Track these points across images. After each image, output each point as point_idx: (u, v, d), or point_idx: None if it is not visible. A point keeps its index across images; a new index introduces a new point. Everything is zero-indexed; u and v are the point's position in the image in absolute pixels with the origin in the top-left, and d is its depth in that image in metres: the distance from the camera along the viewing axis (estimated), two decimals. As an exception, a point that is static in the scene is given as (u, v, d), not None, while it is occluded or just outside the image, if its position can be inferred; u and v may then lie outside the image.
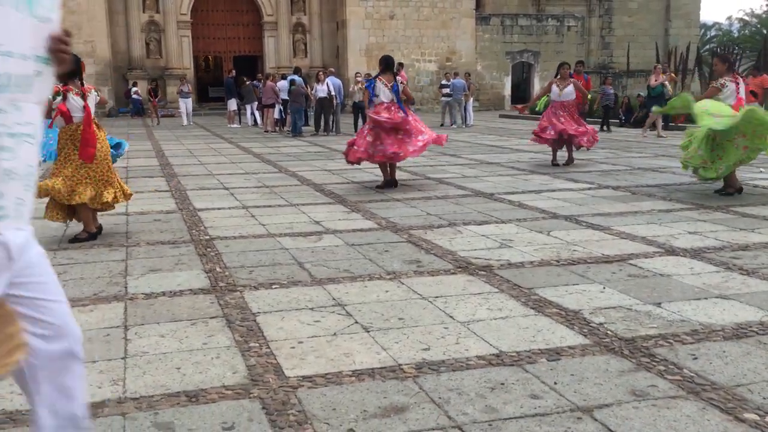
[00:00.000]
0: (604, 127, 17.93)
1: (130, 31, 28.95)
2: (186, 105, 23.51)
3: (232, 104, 22.54)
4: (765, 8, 55.64)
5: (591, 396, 2.86)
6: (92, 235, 5.86)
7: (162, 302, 4.17)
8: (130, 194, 6.18)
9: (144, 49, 29.35)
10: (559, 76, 10.66)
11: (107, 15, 27.46)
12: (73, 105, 5.59)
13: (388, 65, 8.56)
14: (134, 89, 26.83)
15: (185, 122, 23.03)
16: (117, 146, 6.36)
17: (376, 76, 8.56)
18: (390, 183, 8.67)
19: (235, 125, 21.97)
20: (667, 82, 17.37)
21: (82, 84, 5.72)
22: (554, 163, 10.72)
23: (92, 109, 5.71)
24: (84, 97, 5.64)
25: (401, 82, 8.62)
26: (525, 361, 3.22)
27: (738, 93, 7.70)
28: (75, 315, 3.87)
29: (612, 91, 19.61)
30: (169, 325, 3.77)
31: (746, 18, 56.98)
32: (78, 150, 5.60)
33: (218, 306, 4.09)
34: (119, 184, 5.98)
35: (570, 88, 10.53)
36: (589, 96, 13.72)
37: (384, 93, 8.39)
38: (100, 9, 27.06)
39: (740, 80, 7.99)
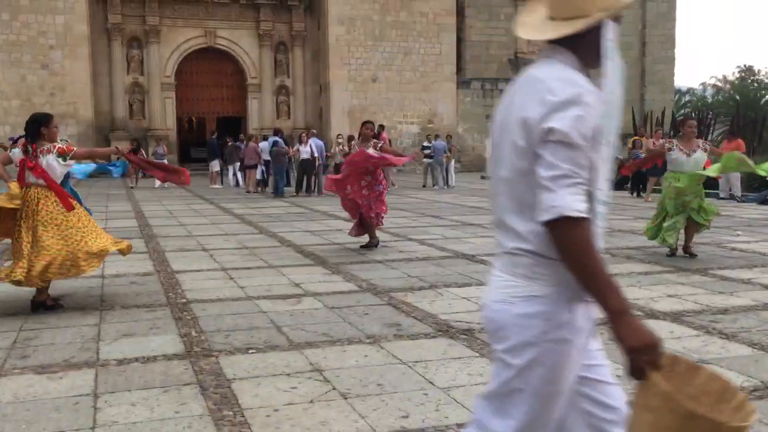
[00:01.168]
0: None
1: (113, 92, 29.16)
2: None
3: (215, 165, 22.58)
4: (737, 75, 57.22)
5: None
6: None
7: (134, 368, 4.06)
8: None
9: (127, 110, 29.52)
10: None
11: (91, 77, 27.68)
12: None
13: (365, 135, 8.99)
14: (116, 150, 26.82)
15: (157, 184, 20.92)
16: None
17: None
18: (372, 244, 8.72)
19: (217, 185, 21.99)
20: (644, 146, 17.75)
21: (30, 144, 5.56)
22: None
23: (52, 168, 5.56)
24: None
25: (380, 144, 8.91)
26: (506, 429, 3.15)
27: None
28: (43, 383, 3.77)
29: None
30: (140, 392, 3.66)
31: (719, 84, 58.72)
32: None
33: (192, 372, 3.99)
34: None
35: None
36: None
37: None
38: (84, 71, 27.29)
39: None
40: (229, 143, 22.68)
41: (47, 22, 26.54)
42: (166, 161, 21.93)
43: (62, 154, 5.57)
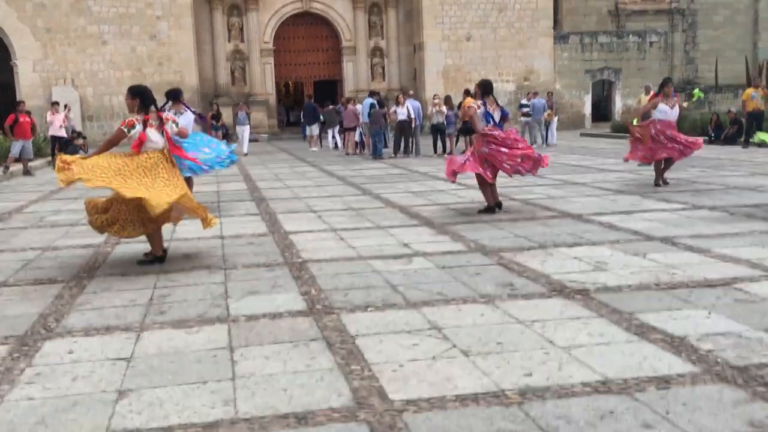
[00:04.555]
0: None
1: (216, 60, 30.10)
2: (243, 133, 21.58)
3: (315, 129, 22.90)
4: None
5: (707, 427, 2.76)
6: (159, 258, 6.08)
7: (263, 324, 4.28)
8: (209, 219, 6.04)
9: (229, 77, 30.42)
10: (663, 94, 10.31)
11: (195, 46, 28.61)
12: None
13: (487, 89, 8.54)
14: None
15: (244, 150, 20.67)
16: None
17: (484, 103, 8.41)
18: (492, 207, 8.45)
19: (315, 148, 22.41)
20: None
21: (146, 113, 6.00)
22: (657, 184, 10.33)
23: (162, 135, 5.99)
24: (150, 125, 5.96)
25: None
26: (633, 389, 3.15)
27: None
28: (182, 337, 4.04)
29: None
30: (271, 346, 3.87)
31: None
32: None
33: (317, 328, 4.17)
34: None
35: (677, 107, 10.25)
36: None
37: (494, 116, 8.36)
38: (188, 41, 28.25)
39: None
40: (330, 107, 22.96)
41: (153, -6, 27.54)
42: (248, 127, 21.82)
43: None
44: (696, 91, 13.03)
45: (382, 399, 3.12)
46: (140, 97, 6.01)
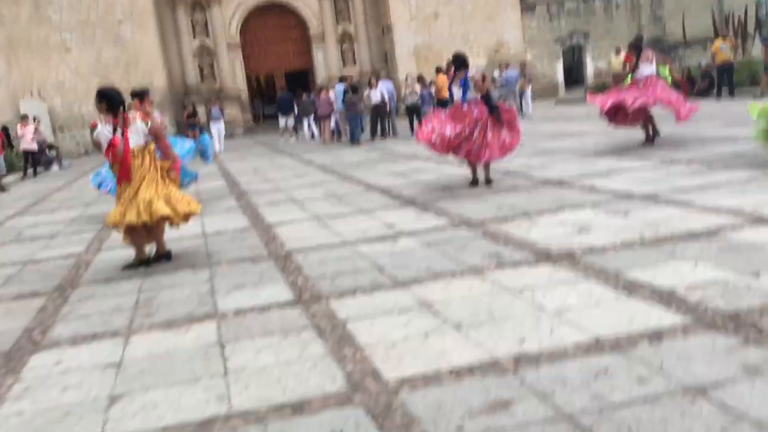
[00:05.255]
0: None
1: (183, 58, 29.70)
2: (218, 130, 20.97)
3: (290, 120, 22.71)
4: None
5: (702, 376, 2.76)
6: (145, 261, 6.03)
7: (252, 318, 4.24)
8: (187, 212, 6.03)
9: (198, 74, 30.07)
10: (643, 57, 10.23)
11: (160, 46, 28.24)
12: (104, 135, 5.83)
13: (464, 63, 8.47)
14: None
15: (218, 148, 19.83)
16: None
17: (465, 75, 8.32)
18: (476, 181, 8.46)
19: (292, 139, 22.25)
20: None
21: (114, 116, 5.86)
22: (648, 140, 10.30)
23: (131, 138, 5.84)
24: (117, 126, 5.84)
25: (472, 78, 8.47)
26: (625, 345, 3.15)
27: None
28: (171, 337, 4.00)
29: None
30: (262, 339, 3.83)
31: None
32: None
33: (307, 317, 4.14)
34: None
35: (653, 61, 10.22)
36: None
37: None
38: (153, 42, 27.84)
39: None
40: (304, 97, 22.78)
41: (112, -3, 27.10)
42: (222, 124, 21.60)
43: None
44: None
45: (377, 380, 3.10)
46: (107, 100, 5.90)
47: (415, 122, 18.80)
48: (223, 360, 3.59)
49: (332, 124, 20.35)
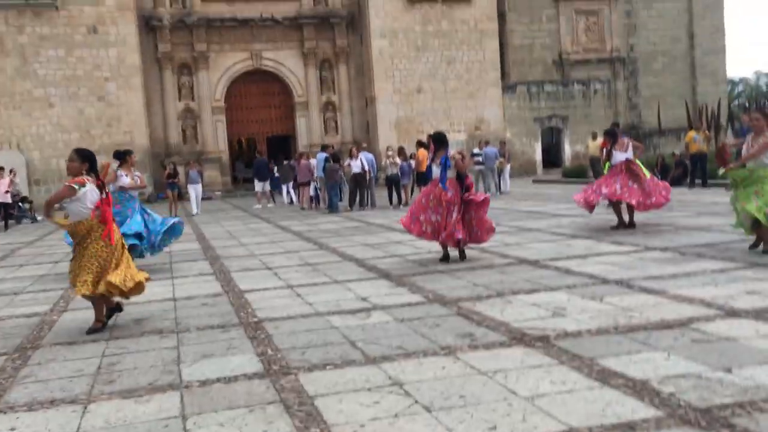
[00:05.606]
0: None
1: (167, 119, 29.90)
2: (195, 191, 20.89)
3: (266, 185, 22.71)
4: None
5: (675, 473, 2.71)
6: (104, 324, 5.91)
7: (218, 389, 4.12)
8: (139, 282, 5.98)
9: (181, 136, 30.21)
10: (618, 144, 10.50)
11: (145, 106, 28.43)
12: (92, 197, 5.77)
13: (444, 143, 8.63)
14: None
15: (195, 210, 20.35)
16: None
17: (446, 153, 8.47)
18: (447, 257, 8.52)
19: (270, 204, 22.24)
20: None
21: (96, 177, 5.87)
22: (617, 227, 10.44)
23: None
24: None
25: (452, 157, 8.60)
26: (598, 437, 3.09)
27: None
28: (131, 407, 3.86)
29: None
30: (227, 413, 3.71)
31: (773, 71, 56.93)
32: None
33: (274, 390, 4.03)
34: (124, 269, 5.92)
35: (630, 147, 10.47)
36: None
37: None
38: (137, 101, 28.05)
39: None
40: (285, 163, 22.94)
41: (101, 56, 27.38)
42: (200, 186, 21.37)
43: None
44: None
45: (343, 463, 3.00)
46: (89, 161, 5.86)
47: (394, 194, 18.98)
48: (184, 434, 3.46)
49: (311, 191, 20.43)
